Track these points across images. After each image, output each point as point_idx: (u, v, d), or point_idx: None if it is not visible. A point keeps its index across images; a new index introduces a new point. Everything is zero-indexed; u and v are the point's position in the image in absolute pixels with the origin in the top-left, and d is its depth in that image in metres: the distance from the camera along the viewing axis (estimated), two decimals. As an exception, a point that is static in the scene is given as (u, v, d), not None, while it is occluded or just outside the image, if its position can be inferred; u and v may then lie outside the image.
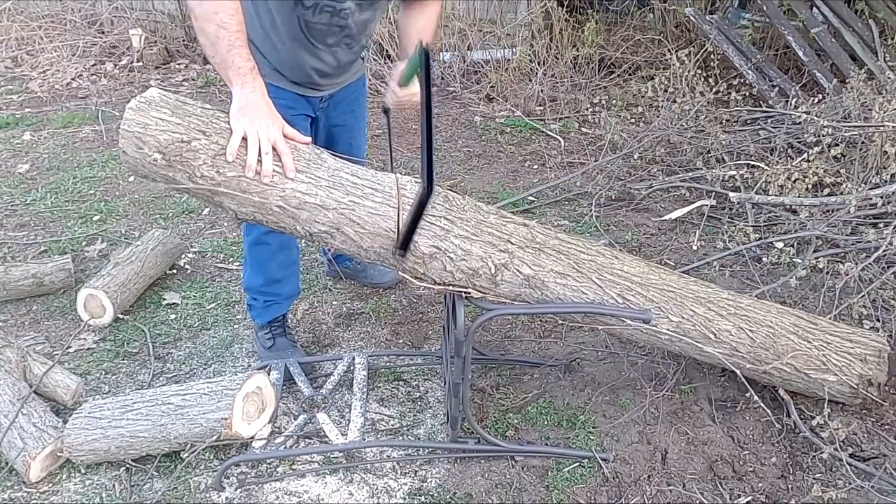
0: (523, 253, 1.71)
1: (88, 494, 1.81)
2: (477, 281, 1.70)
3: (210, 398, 1.85)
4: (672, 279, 1.86)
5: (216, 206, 1.65)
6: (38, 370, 2.08)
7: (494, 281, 1.70)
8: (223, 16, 1.53)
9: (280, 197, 1.59)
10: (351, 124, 2.24)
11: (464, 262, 1.68)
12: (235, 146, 1.55)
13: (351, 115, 2.23)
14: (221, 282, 2.73)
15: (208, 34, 1.56)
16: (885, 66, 3.69)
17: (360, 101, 2.29)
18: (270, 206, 1.60)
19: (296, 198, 1.60)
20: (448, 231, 1.66)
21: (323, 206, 1.61)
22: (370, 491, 1.81)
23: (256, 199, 1.58)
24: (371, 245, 1.66)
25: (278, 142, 1.57)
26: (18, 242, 2.96)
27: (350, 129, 2.25)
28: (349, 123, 2.23)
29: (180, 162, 1.54)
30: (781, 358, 1.84)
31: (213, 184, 1.56)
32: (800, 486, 1.80)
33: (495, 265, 1.68)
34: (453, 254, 1.67)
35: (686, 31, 4.78)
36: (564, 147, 3.90)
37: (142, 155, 1.54)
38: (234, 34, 1.55)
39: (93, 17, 5.52)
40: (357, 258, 1.81)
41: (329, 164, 1.65)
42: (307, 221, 1.63)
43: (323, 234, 1.65)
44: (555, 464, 1.88)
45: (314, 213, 1.62)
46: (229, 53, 1.55)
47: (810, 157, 2.89)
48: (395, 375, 2.23)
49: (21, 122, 4.28)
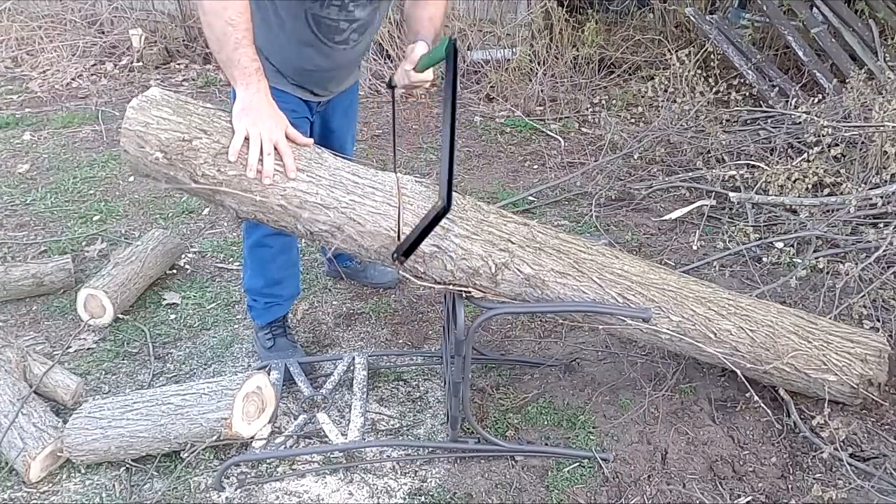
0: (524, 252, 1.71)
1: (88, 494, 1.81)
2: (477, 280, 1.70)
3: (210, 398, 1.85)
4: (672, 279, 1.86)
5: (217, 204, 1.65)
6: (38, 370, 2.08)
7: (495, 280, 1.71)
8: (232, 13, 1.53)
9: (281, 196, 1.59)
10: (343, 129, 2.27)
11: (464, 261, 1.68)
12: (238, 146, 1.55)
13: (344, 119, 2.25)
14: (221, 282, 2.73)
15: (215, 30, 1.55)
16: (885, 66, 3.69)
17: (353, 107, 2.32)
18: (272, 205, 1.60)
19: (297, 197, 1.60)
20: (448, 230, 1.66)
21: (324, 205, 1.62)
22: (370, 491, 1.81)
23: (258, 197, 1.58)
24: (372, 244, 1.66)
25: (280, 142, 1.57)
26: (18, 242, 2.96)
27: (342, 134, 2.27)
28: (341, 128, 2.26)
29: (182, 161, 1.55)
30: (782, 358, 1.84)
31: (214, 183, 1.56)
32: (800, 486, 1.80)
33: (496, 264, 1.69)
34: (454, 253, 1.67)
35: (686, 31, 4.78)
36: (564, 147, 3.90)
37: (143, 154, 1.54)
38: (241, 32, 1.54)
39: (93, 17, 5.52)
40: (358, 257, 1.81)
41: (330, 163, 1.66)
42: (308, 220, 1.63)
43: (324, 232, 1.65)
44: (555, 464, 1.88)
45: (315, 212, 1.62)
46: (235, 52, 1.55)
47: (810, 157, 2.89)
48: (395, 375, 2.23)
49: (21, 122, 4.28)
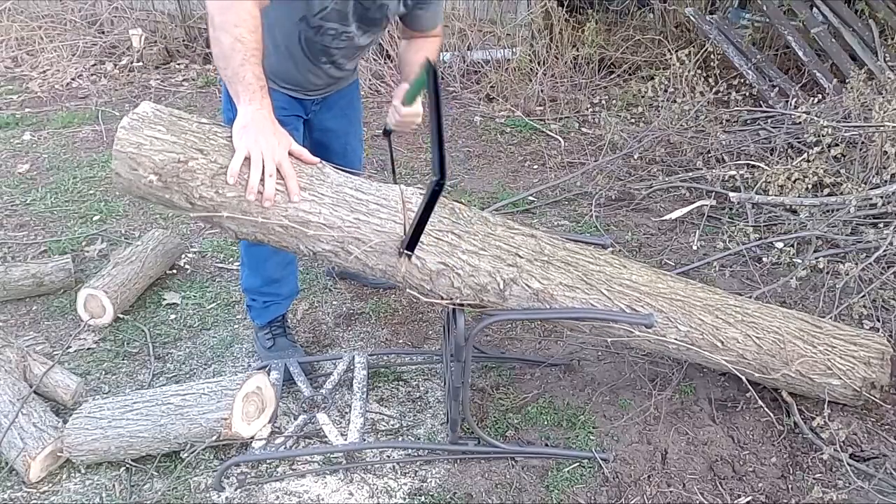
0: (532, 266, 1.68)
1: (88, 494, 1.81)
2: (485, 297, 1.67)
3: (210, 398, 1.85)
4: (679, 287, 1.84)
5: (216, 226, 1.59)
6: (38, 370, 2.08)
7: (503, 296, 1.68)
8: (243, 31, 1.48)
9: (283, 216, 1.53)
10: (345, 128, 2.21)
11: (472, 278, 1.64)
12: (237, 167, 1.47)
13: (345, 119, 2.20)
14: (221, 282, 2.73)
15: (223, 45, 1.49)
16: (885, 66, 3.69)
17: (355, 105, 2.24)
18: (273, 227, 1.54)
19: (299, 217, 1.54)
20: (455, 246, 1.63)
21: (327, 225, 1.56)
22: (370, 491, 1.81)
23: (258, 219, 1.52)
24: (377, 263, 1.62)
25: (283, 163, 1.50)
26: (18, 242, 2.96)
27: (344, 133, 2.21)
28: (342, 128, 2.20)
29: (177, 183, 1.48)
30: (789, 365, 1.83)
31: (212, 205, 1.50)
32: (800, 486, 1.80)
33: (504, 280, 1.66)
34: (461, 270, 1.63)
35: (686, 31, 4.78)
36: (564, 147, 3.89)
37: (136, 177, 1.47)
38: (250, 50, 1.49)
39: (93, 17, 5.52)
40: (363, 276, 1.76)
41: (332, 180, 1.60)
42: (311, 241, 1.58)
43: (328, 252, 1.60)
44: (555, 464, 1.88)
45: (318, 232, 1.56)
46: (242, 67, 1.49)
47: (810, 157, 2.89)
48: (395, 375, 2.23)
49: (21, 122, 4.28)
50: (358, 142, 2.31)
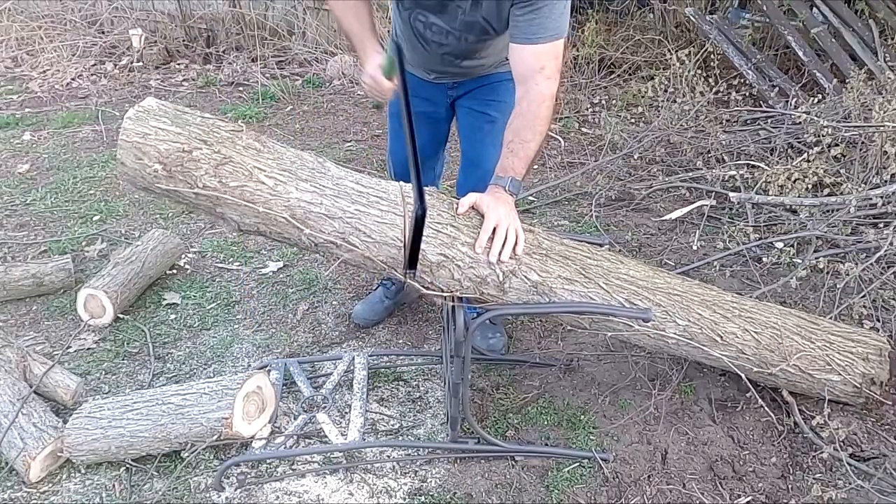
0: (530, 259, 1.70)
1: (88, 494, 1.81)
2: (485, 289, 1.69)
3: (210, 398, 1.85)
4: (677, 282, 1.85)
5: (218, 217, 1.61)
6: (38, 370, 2.08)
7: (503, 288, 1.69)
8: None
9: (285, 207, 1.57)
10: (469, 127, 2.05)
11: (472, 269, 1.66)
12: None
13: (469, 116, 2.02)
14: (221, 282, 2.73)
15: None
16: (885, 66, 3.69)
17: (488, 108, 1.98)
18: (275, 217, 1.58)
19: (301, 208, 1.58)
20: (455, 238, 1.64)
21: (329, 216, 1.59)
22: (370, 491, 1.81)
23: (261, 209, 1.56)
24: (377, 254, 1.64)
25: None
26: (18, 242, 2.96)
27: (468, 132, 2.05)
28: (467, 126, 2.05)
29: (181, 172, 1.52)
30: (787, 359, 1.84)
31: (215, 194, 1.54)
32: (800, 486, 1.80)
33: (503, 272, 1.67)
34: (461, 261, 1.65)
35: (686, 31, 4.79)
36: (564, 147, 3.90)
37: (141, 165, 1.52)
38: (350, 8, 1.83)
39: (93, 17, 5.53)
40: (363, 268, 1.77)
41: (333, 173, 1.64)
42: (313, 231, 1.60)
43: (329, 243, 1.63)
44: (555, 464, 1.88)
45: (320, 222, 1.59)
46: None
47: (810, 157, 2.90)
48: (395, 375, 2.23)
49: (21, 122, 4.27)
50: (482, 144, 2.01)
